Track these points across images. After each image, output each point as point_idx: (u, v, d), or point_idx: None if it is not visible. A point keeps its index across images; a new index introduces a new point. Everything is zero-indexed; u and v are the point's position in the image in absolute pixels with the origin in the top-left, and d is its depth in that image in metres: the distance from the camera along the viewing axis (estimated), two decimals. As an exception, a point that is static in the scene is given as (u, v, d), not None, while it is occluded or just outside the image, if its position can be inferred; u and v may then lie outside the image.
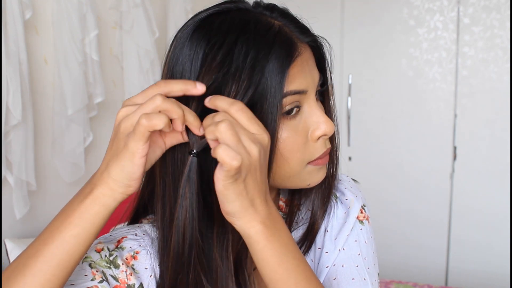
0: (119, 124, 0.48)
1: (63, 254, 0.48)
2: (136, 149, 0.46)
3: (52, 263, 0.47)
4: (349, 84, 2.70)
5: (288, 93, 0.52)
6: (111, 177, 0.48)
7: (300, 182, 0.58)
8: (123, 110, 0.49)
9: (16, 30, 1.47)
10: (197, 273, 0.52)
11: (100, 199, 0.49)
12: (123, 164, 0.47)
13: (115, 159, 0.48)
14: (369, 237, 0.69)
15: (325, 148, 0.58)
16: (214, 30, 0.53)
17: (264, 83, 0.51)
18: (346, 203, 0.69)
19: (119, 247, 0.57)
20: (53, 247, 0.48)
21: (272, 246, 0.49)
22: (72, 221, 0.48)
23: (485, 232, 2.52)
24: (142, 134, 0.45)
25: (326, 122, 0.56)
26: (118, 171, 0.48)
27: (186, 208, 0.50)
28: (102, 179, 0.49)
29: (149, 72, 2.11)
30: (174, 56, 0.55)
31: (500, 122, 2.45)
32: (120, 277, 0.55)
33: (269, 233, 0.49)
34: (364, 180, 2.61)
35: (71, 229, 0.48)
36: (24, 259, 0.48)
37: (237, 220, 0.48)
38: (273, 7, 0.57)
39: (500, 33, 2.41)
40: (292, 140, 0.54)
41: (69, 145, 1.74)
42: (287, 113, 0.54)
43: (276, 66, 0.51)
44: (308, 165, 0.57)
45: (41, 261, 0.47)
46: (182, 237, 0.51)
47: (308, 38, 0.57)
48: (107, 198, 0.49)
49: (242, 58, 0.50)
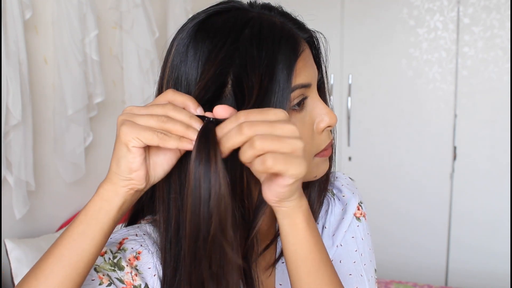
0: (121, 117, 0.50)
1: (71, 253, 0.48)
2: (126, 136, 0.47)
3: (63, 263, 0.48)
4: (349, 84, 2.70)
5: (296, 86, 0.53)
6: (112, 171, 0.49)
7: (308, 175, 0.59)
8: (127, 109, 0.51)
9: (16, 30, 1.47)
10: (201, 270, 0.51)
11: (103, 194, 0.49)
12: (119, 155, 0.48)
13: (113, 153, 0.50)
14: (366, 234, 0.69)
15: (329, 139, 0.59)
16: (218, 30, 0.53)
17: (273, 77, 0.51)
18: (343, 199, 0.70)
19: (121, 249, 0.57)
20: (62, 247, 0.48)
21: (310, 228, 0.52)
22: (77, 219, 0.49)
23: (485, 232, 2.52)
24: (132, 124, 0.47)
25: (329, 114, 0.57)
26: (115, 164, 0.49)
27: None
28: (107, 176, 0.50)
29: (149, 72, 2.11)
30: (177, 58, 0.54)
31: (500, 122, 2.45)
32: (125, 279, 0.55)
33: (309, 216, 0.52)
34: (364, 179, 2.62)
35: (76, 226, 0.49)
36: (37, 263, 0.49)
37: (290, 202, 0.50)
38: (270, 6, 0.58)
39: (500, 33, 2.40)
40: (300, 133, 0.55)
41: (69, 145, 1.74)
42: (295, 107, 0.55)
43: (284, 61, 0.52)
44: (315, 157, 0.58)
45: (52, 262, 0.48)
46: (196, 235, 0.49)
47: (306, 34, 0.58)
48: (109, 193, 0.49)
49: (250, 53, 0.51)
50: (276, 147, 0.43)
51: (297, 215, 0.50)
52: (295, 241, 0.52)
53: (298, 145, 0.44)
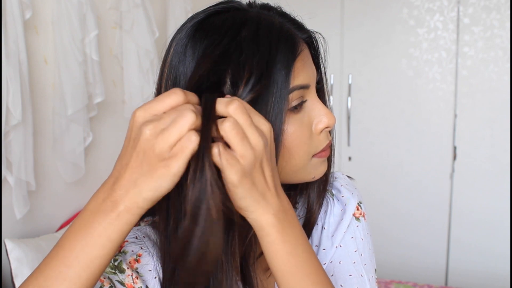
0: (147, 140, 0.44)
1: (88, 275, 0.45)
2: (180, 170, 0.43)
3: (76, 285, 0.45)
4: (349, 84, 2.70)
5: (295, 87, 0.53)
6: (142, 197, 0.45)
7: (306, 175, 0.59)
8: (149, 127, 0.44)
9: (16, 30, 1.47)
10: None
11: (128, 218, 0.45)
12: (161, 184, 0.44)
13: (149, 179, 0.44)
14: (366, 234, 0.69)
15: (328, 140, 0.59)
16: (217, 29, 0.53)
17: (270, 77, 0.51)
18: (342, 200, 0.70)
19: (122, 252, 0.57)
20: (79, 269, 0.45)
21: (284, 239, 0.49)
22: (97, 242, 0.45)
23: (485, 232, 2.52)
24: (187, 157, 0.43)
25: (328, 115, 0.57)
26: (152, 191, 0.44)
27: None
28: (130, 198, 0.45)
29: (149, 72, 2.11)
30: (176, 57, 0.54)
31: (500, 122, 2.45)
32: (126, 282, 0.55)
33: (281, 226, 0.49)
34: (364, 179, 2.63)
35: (97, 249, 0.45)
36: (41, 281, 0.45)
37: (250, 214, 0.48)
38: (269, 6, 0.58)
39: (500, 33, 2.41)
40: (298, 134, 0.55)
41: (69, 145, 1.74)
42: (294, 108, 0.54)
43: (282, 61, 0.52)
44: (313, 158, 0.58)
45: (66, 286, 0.45)
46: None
47: (305, 35, 0.58)
48: (135, 217, 0.46)
49: (247, 53, 0.51)
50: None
51: (263, 227, 0.49)
52: (267, 252, 0.50)
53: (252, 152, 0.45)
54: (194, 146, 0.42)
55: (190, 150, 0.43)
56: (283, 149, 0.54)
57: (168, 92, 0.45)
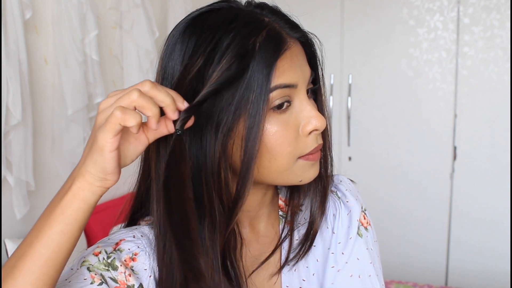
0: (97, 116, 0.50)
1: (50, 252, 0.48)
2: (104, 142, 0.47)
3: (40, 262, 0.47)
4: (349, 84, 2.70)
5: (277, 86, 0.53)
6: (87, 171, 0.48)
7: (292, 178, 0.58)
8: (103, 102, 0.50)
9: (16, 30, 1.48)
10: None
11: (80, 194, 0.49)
12: (95, 158, 0.48)
13: (89, 153, 0.48)
14: (374, 242, 0.70)
15: (317, 143, 0.57)
16: (206, 26, 0.54)
17: (250, 74, 0.51)
18: (347, 205, 0.70)
19: (117, 250, 0.58)
20: (39, 246, 0.48)
21: None
22: (55, 218, 0.48)
23: (485, 232, 2.52)
24: (112, 128, 0.46)
25: (317, 117, 0.56)
26: (92, 165, 0.48)
27: None
28: (80, 173, 0.49)
29: (149, 72, 2.11)
30: (167, 53, 0.57)
31: (500, 122, 2.45)
32: (119, 279, 0.55)
33: None
34: (364, 179, 2.63)
35: (55, 226, 0.48)
36: (12, 261, 0.48)
37: None
38: (264, 5, 0.58)
39: (500, 33, 2.40)
40: (281, 134, 0.54)
41: (68, 145, 1.74)
42: (277, 107, 0.54)
43: (263, 59, 0.51)
44: (299, 160, 0.57)
45: (30, 261, 0.47)
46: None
47: (298, 34, 0.57)
48: (86, 192, 0.49)
49: (226, 46, 0.51)
50: None
51: None
52: None
53: None
54: (121, 117, 0.46)
55: (115, 118, 0.46)
56: (264, 148, 0.54)
57: (141, 82, 0.51)
